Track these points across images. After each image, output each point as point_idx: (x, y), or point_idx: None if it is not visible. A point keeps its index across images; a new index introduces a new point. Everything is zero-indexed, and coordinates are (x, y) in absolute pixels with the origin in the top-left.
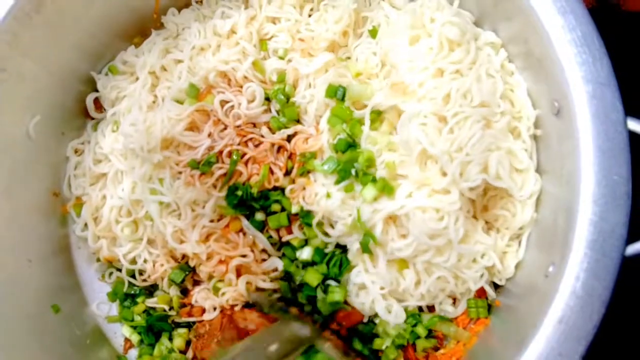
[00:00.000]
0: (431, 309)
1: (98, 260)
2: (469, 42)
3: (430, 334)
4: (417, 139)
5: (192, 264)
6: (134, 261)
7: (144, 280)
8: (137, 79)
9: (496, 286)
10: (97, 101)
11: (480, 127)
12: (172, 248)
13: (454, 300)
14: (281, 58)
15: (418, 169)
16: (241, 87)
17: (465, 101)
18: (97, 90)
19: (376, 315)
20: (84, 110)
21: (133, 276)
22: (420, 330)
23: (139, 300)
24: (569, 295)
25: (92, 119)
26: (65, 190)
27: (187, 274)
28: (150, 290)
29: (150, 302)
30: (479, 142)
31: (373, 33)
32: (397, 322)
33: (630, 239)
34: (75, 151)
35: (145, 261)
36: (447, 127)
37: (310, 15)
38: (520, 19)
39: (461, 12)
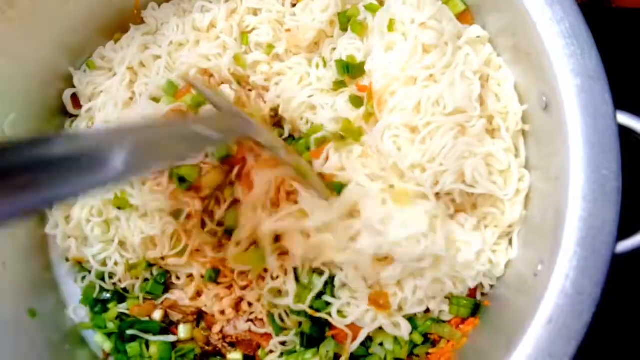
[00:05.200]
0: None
1: (67, 260)
2: (447, 44)
3: (426, 338)
4: (389, 152)
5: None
6: (104, 263)
7: (114, 284)
8: (115, 74)
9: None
10: (75, 98)
11: (453, 135)
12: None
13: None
14: (266, 53)
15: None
16: (220, 85)
17: (437, 109)
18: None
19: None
20: (63, 107)
21: (104, 279)
22: (417, 337)
23: (110, 305)
24: (558, 294)
25: (72, 116)
26: None
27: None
28: (123, 295)
29: (123, 307)
30: (451, 151)
31: (355, 27)
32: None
33: (620, 236)
34: None
35: (116, 264)
36: (419, 137)
37: (294, 6)
38: (508, 11)
39: (444, 9)
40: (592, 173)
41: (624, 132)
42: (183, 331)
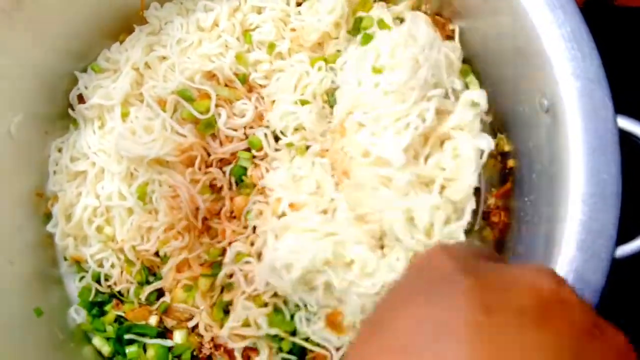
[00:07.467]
0: None
1: (65, 259)
2: (413, 89)
3: None
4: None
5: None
6: (101, 264)
7: (109, 287)
8: (120, 74)
9: None
10: (82, 98)
11: (372, 186)
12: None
13: None
14: (268, 53)
15: None
16: (226, 85)
17: (365, 159)
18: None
19: None
20: (69, 108)
21: (100, 282)
22: None
23: (107, 308)
24: None
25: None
26: (48, 190)
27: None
28: (119, 299)
29: (120, 310)
30: (372, 203)
31: (365, 41)
32: None
33: (620, 240)
34: (59, 150)
35: (112, 266)
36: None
37: (299, 4)
38: (508, 13)
39: (435, 48)
40: (592, 177)
41: (625, 136)
42: (179, 337)
